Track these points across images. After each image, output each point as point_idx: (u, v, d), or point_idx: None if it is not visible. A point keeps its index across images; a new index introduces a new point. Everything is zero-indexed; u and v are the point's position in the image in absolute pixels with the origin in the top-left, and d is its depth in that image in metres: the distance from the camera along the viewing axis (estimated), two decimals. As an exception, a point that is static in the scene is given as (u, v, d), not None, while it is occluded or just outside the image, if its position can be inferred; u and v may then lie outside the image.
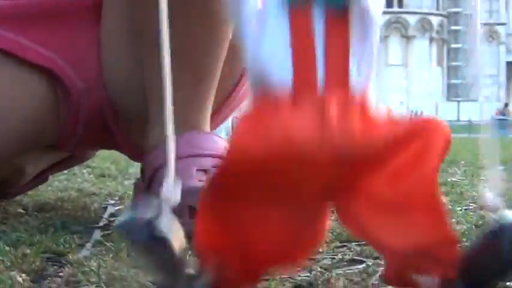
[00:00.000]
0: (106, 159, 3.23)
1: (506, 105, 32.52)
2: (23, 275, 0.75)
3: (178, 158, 0.98)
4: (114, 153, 1.47)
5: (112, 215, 1.31)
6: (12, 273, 0.75)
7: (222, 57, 1.20)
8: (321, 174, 0.45)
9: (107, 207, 1.44)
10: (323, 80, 0.46)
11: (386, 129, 0.45)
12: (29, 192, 1.64)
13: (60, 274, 0.79)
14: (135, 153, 1.34)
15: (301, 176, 0.45)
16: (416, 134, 0.46)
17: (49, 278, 0.77)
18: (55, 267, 0.83)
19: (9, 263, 0.81)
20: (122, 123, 1.25)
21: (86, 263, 0.80)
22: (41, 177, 1.52)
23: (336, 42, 0.47)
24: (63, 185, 1.98)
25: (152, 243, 0.48)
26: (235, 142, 0.46)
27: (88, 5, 1.22)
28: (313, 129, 0.44)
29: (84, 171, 2.67)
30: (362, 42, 0.47)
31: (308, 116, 0.44)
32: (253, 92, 0.48)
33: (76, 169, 2.67)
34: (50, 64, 1.17)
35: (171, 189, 0.52)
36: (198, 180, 1.05)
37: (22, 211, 1.35)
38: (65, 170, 1.68)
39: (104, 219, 1.25)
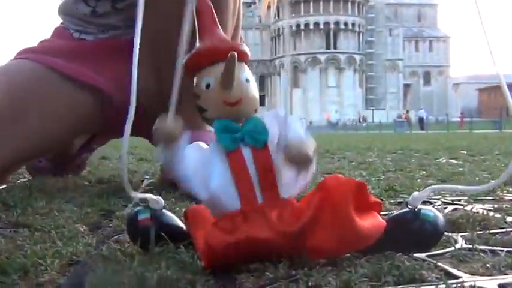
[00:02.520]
0: (144, 148, 2.96)
1: (407, 111, 31.73)
2: (84, 226, 0.69)
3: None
4: (149, 145, 1.15)
5: (147, 185, 1.20)
6: (77, 225, 0.69)
7: None
8: (274, 248, 0.46)
9: (144, 180, 1.33)
10: (261, 197, 0.45)
11: (302, 214, 0.46)
12: (92, 171, 1.55)
13: (110, 225, 0.72)
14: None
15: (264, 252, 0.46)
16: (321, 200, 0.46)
17: (102, 228, 0.71)
18: (106, 220, 0.76)
19: (75, 218, 0.74)
20: (146, 117, 0.98)
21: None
22: (88, 148, 1.42)
23: (262, 166, 0.45)
24: (115, 165, 1.87)
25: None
26: (214, 250, 0.45)
27: (122, 45, 1.09)
28: (264, 231, 0.45)
29: (130, 156, 2.50)
30: (281, 161, 0.46)
31: (257, 224, 0.44)
32: (215, 215, 0.48)
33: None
34: (99, 84, 1.08)
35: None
36: None
37: (87, 183, 1.26)
38: (106, 142, 1.49)
39: (141, 188, 1.14)
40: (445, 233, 0.60)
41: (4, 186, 1.14)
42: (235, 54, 0.44)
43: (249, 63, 0.49)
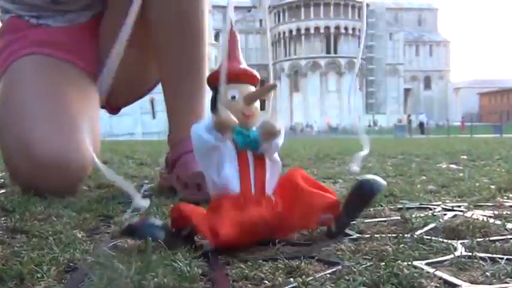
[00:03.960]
0: (144, 153, 3.00)
1: (409, 115, 31.30)
2: (82, 232, 0.69)
3: (187, 151, 1.00)
4: (149, 149, 1.18)
5: (146, 190, 1.20)
6: (75, 231, 0.68)
7: (206, 71, 1.13)
8: (262, 230, 0.59)
9: (143, 185, 1.34)
10: (254, 190, 0.59)
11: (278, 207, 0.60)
12: (91, 176, 1.51)
13: (108, 231, 0.72)
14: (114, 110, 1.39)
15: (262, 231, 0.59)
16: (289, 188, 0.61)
17: (100, 234, 0.70)
18: (105, 226, 0.76)
19: (73, 224, 0.74)
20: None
21: (126, 223, 0.69)
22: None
23: (259, 168, 0.59)
24: (115, 170, 1.72)
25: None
26: (223, 218, 0.56)
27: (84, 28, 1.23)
28: (261, 212, 0.58)
29: (130, 161, 2.51)
30: (271, 170, 0.60)
31: (252, 208, 0.58)
32: (216, 195, 0.60)
33: (124, 160, 2.59)
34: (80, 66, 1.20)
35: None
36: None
37: (86, 188, 1.25)
38: None
39: (141, 193, 0.99)
40: (445, 240, 0.61)
41: (3, 191, 1.14)
42: (274, 84, 0.61)
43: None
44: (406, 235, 0.64)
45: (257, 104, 0.61)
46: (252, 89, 0.62)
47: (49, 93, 1.09)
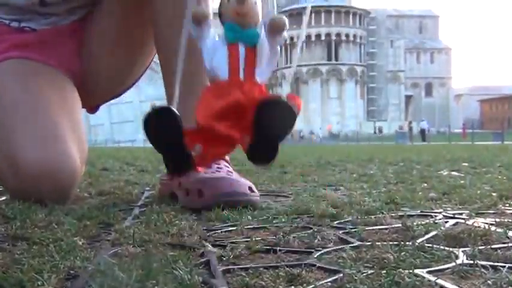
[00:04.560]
0: (145, 160, 3.01)
1: (410, 122, 31.37)
2: (82, 239, 0.68)
3: None
4: (150, 156, 1.24)
5: (147, 197, 1.21)
6: (76, 238, 0.68)
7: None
8: (241, 110, 0.63)
9: (144, 192, 1.33)
10: (243, 76, 0.65)
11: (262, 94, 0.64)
12: (92, 183, 1.57)
13: (108, 238, 0.72)
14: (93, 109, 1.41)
15: (234, 111, 0.63)
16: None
17: (101, 241, 0.70)
18: (105, 233, 0.76)
19: (74, 231, 0.73)
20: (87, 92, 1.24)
21: (126, 231, 0.73)
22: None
23: (249, 60, 0.64)
24: (116, 177, 1.87)
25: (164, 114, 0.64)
26: (203, 109, 0.63)
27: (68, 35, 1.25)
28: (237, 96, 0.63)
29: (131, 168, 2.51)
30: (267, 60, 0.65)
31: (234, 92, 0.63)
32: (210, 81, 0.68)
33: (125, 166, 2.59)
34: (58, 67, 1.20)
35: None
36: (204, 173, 1.00)
37: (87, 195, 1.25)
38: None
39: (142, 200, 1.13)
40: (446, 248, 0.61)
41: (4, 198, 1.14)
42: None
43: None
44: (407, 243, 0.63)
45: (255, 5, 0.65)
46: None
47: (30, 103, 1.09)
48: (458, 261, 0.54)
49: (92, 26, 1.26)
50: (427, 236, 0.69)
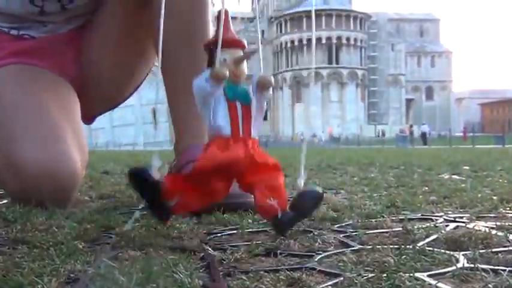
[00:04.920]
0: (146, 163, 3.55)
1: (411, 126, 31.16)
2: (83, 243, 0.68)
3: (187, 162, 1.00)
4: (151, 160, 1.26)
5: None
6: (76, 242, 0.68)
7: None
8: (242, 167, 0.70)
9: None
10: (242, 133, 0.71)
11: (263, 156, 0.73)
12: (93, 186, 1.56)
13: (109, 242, 0.72)
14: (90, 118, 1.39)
15: (235, 167, 0.70)
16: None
17: (101, 245, 0.70)
18: (106, 237, 0.76)
19: (74, 235, 0.73)
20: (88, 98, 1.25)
21: (127, 234, 0.74)
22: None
23: (246, 116, 0.71)
24: (117, 180, 1.87)
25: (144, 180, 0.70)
26: (204, 156, 0.70)
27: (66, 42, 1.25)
28: (241, 151, 0.69)
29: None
30: (255, 116, 0.72)
31: (239, 147, 0.70)
32: (211, 137, 0.72)
33: (126, 170, 2.44)
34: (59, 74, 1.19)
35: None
36: None
37: (88, 199, 1.25)
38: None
39: (142, 204, 1.06)
40: (447, 252, 0.61)
41: (5, 201, 1.14)
42: (253, 51, 0.74)
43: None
44: (408, 246, 0.63)
45: (244, 66, 0.74)
46: (240, 53, 0.74)
47: (30, 105, 1.09)
48: (459, 265, 0.54)
49: (92, 33, 1.26)
50: (427, 240, 0.69)
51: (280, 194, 0.72)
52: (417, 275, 0.50)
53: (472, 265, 0.54)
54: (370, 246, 0.65)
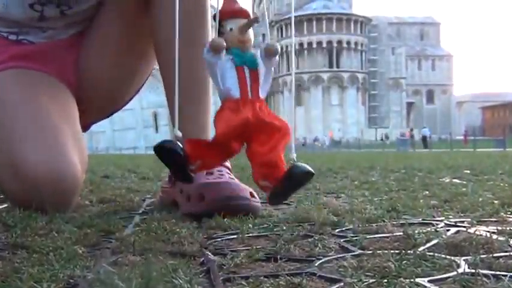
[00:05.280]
0: (147, 167, 3.01)
1: (411, 129, 31.28)
2: (83, 248, 0.68)
3: None
4: (152, 163, 1.24)
5: (148, 205, 1.21)
6: (76, 246, 0.68)
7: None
8: (250, 128, 0.72)
9: (145, 199, 1.33)
10: (251, 95, 0.75)
11: (271, 116, 0.74)
12: (94, 190, 1.57)
13: (109, 246, 0.71)
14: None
15: (245, 129, 0.72)
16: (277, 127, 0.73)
17: (101, 249, 0.70)
18: (106, 241, 0.75)
19: (74, 240, 0.73)
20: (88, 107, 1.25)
21: (127, 239, 0.73)
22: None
23: (254, 80, 0.75)
24: (117, 185, 1.87)
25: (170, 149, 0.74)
26: (220, 119, 0.73)
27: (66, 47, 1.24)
28: (250, 113, 0.72)
29: (132, 175, 2.51)
30: (263, 79, 0.76)
31: (248, 109, 0.73)
32: (222, 100, 0.76)
33: (126, 174, 2.59)
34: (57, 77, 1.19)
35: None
36: (206, 178, 1.02)
37: (88, 203, 1.25)
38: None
39: (142, 208, 1.13)
40: (448, 257, 0.60)
41: (5, 205, 1.13)
42: (257, 17, 0.77)
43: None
44: (408, 251, 0.63)
45: (250, 33, 0.77)
46: (245, 21, 0.78)
47: (30, 107, 1.09)
48: (460, 270, 0.54)
49: (91, 39, 1.25)
50: (428, 245, 0.69)
51: (276, 167, 0.74)
52: (418, 280, 0.50)
53: (473, 270, 0.54)
54: (370, 251, 0.65)
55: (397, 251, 0.63)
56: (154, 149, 0.76)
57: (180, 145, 0.75)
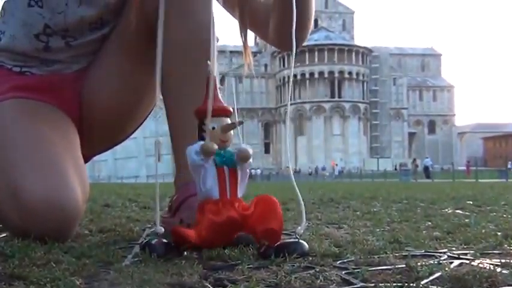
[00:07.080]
0: (147, 196, 3.06)
1: (414, 160, 30.99)
2: (81, 279, 0.68)
3: (192, 195, 1.02)
4: (153, 192, 1.12)
5: (148, 235, 1.20)
6: (73, 278, 0.68)
7: None
8: (238, 225, 0.81)
9: (145, 229, 1.33)
10: (229, 195, 0.81)
11: (247, 210, 0.82)
12: (94, 219, 1.57)
13: (107, 278, 0.71)
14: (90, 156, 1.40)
15: (232, 227, 0.81)
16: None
17: (99, 281, 0.69)
18: (104, 272, 0.75)
19: (72, 271, 0.73)
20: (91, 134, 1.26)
21: (125, 270, 0.73)
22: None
23: (232, 180, 0.80)
24: (118, 214, 1.87)
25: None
26: (206, 219, 0.80)
27: (71, 79, 1.25)
28: (231, 213, 0.78)
29: (133, 204, 2.51)
30: (240, 179, 0.81)
31: (227, 210, 0.79)
32: (201, 199, 0.83)
33: (127, 203, 2.59)
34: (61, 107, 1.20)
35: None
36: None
37: (88, 233, 1.25)
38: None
39: (142, 238, 1.14)
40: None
41: (3, 235, 1.12)
42: (241, 121, 0.83)
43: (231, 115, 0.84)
44: (411, 284, 0.62)
45: (231, 133, 0.81)
46: (227, 120, 0.82)
47: (31, 135, 1.09)
48: (464, 305, 0.53)
49: (94, 72, 1.26)
50: (431, 278, 0.67)
51: (276, 235, 0.82)
52: (421, 314, 0.49)
53: (477, 305, 0.52)
54: (372, 284, 0.64)
55: (399, 284, 0.62)
56: (143, 248, 0.82)
57: (165, 240, 0.81)
